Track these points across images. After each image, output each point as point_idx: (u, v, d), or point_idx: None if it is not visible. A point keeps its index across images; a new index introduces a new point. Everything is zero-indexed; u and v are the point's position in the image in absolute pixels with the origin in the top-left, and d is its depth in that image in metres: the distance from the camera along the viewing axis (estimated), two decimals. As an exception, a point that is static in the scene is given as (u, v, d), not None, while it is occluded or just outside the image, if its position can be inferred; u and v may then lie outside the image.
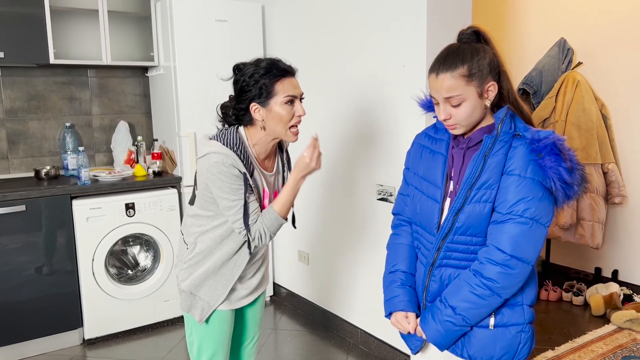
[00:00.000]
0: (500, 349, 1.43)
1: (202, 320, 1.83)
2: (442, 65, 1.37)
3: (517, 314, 1.44)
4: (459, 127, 1.41)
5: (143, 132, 3.84)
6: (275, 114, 1.68)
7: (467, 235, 1.41)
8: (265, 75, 1.66)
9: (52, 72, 3.52)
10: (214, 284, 1.82)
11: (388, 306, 1.58)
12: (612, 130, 3.78)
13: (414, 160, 1.58)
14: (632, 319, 3.25)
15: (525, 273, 1.38)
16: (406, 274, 1.57)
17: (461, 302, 1.39)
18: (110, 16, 3.34)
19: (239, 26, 3.47)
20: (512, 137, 1.38)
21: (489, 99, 1.39)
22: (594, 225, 3.68)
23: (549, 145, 1.30)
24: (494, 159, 1.37)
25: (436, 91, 1.39)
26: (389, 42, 2.66)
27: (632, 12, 3.64)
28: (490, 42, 1.42)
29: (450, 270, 1.45)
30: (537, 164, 1.33)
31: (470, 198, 1.38)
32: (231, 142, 1.67)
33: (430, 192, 1.48)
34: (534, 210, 1.33)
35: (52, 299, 3.07)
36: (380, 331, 2.96)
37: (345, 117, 3.04)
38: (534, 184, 1.33)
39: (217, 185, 1.66)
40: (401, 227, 1.64)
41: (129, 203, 3.20)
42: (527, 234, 1.34)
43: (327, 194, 3.26)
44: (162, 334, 3.33)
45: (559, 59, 3.93)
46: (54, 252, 3.06)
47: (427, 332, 1.46)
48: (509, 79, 1.43)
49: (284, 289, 3.80)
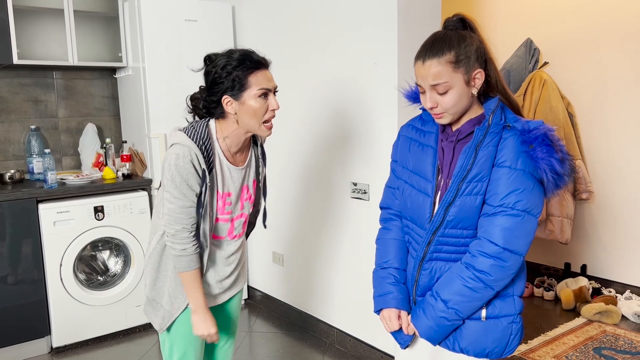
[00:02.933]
0: (492, 340, 1.42)
1: (162, 329, 1.78)
2: (428, 52, 1.34)
3: (508, 305, 1.43)
4: (445, 115, 1.38)
5: (111, 135, 3.76)
6: (248, 107, 1.63)
7: (458, 228, 1.39)
8: (239, 67, 1.61)
9: (15, 73, 3.41)
10: (173, 292, 1.75)
11: (379, 302, 1.54)
12: (578, 127, 3.88)
13: (402, 153, 1.54)
14: (601, 312, 3.33)
15: (517, 265, 1.36)
16: (399, 270, 1.53)
17: (453, 295, 1.37)
18: (77, 16, 3.27)
19: (209, 26, 3.44)
20: (503, 128, 1.36)
21: (475, 87, 1.37)
22: (562, 221, 3.76)
23: (540, 136, 1.29)
24: (485, 151, 1.34)
25: (422, 78, 1.36)
26: (360, 40, 2.67)
27: (594, 12, 3.74)
28: (476, 30, 1.40)
29: (440, 264, 1.43)
30: (528, 155, 1.31)
31: (461, 191, 1.36)
32: (197, 135, 1.63)
33: (421, 186, 1.45)
34: (525, 202, 1.32)
35: (18, 307, 2.96)
36: (357, 330, 2.96)
37: (319, 116, 3.03)
38: (524, 175, 1.32)
39: (167, 176, 1.62)
40: (391, 221, 1.60)
41: (98, 206, 3.12)
42: (519, 226, 1.32)
43: (301, 193, 3.25)
44: (134, 339, 3.26)
45: (526, 58, 4.01)
46: (20, 257, 2.96)
47: (419, 327, 1.44)
48: (495, 67, 1.41)
49: (258, 292, 3.76)
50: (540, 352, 2.93)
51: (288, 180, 3.29)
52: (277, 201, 3.39)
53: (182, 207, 1.63)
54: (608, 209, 3.81)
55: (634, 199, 3.67)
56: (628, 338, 3.09)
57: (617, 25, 3.64)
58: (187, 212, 1.64)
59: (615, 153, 3.74)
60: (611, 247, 3.82)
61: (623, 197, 3.73)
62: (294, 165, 3.24)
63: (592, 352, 2.92)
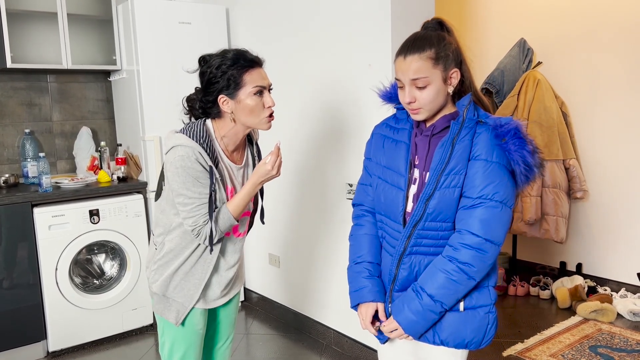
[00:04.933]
0: (471, 331, 1.45)
1: (178, 322, 1.78)
2: (410, 48, 1.39)
3: (484, 296, 1.47)
4: (422, 111, 1.43)
5: (106, 138, 3.75)
6: (244, 105, 1.65)
7: (438, 221, 1.42)
8: (233, 67, 1.63)
9: (9, 77, 3.41)
10: (185, 284, 1.77)
11: (355, 297, 1.57)
12: (572, 127, 3.90)
13: (376, 150, 1.58)
14: (597, 310, 3.34)
15: (495, 255, 1.41)
16: (373, 264, 1.56)
17: (439, 289, 1.40)
18: (70, 19, 3.26)
19: (203, 28, 3.44)
20: (476, 123, 1.42)
21: (452, 86, 1.43)
22: (557, 220, 3.77)
23: (512, 129, 1.35)
24: (461, 144, 1.40)
25: (403, 73, 1.40)
26: (354, 42, 2.67)
27: (587, 12, 3.77)
28: (452, 33, 1.46)
29: (420, 257, 1.46)
30: (502, 148, 1.37)
31: (440, 184, 1.40)
32: (197, 135, 1.64)
33: (394, 181, 1.49)
34: (502, 194, 1.37)
35: (14, 311, 2.95)
36: (354, 331, 2.96)
37: (314, 118, 3.04)
38: (499, 167, 1.37)
39: (177, 179, 1.62)
40: (363, 217, 1.63)
41: (93, 210, 3.11)
42: (497, 217, 1.37)
43: (297, 195, 3.25)
44: (130, 343, 3.25)
45: (519, 58, 4.03)
46: (15, 262, 2.95)
47: (402, 322, 1.45)
48: (469, 70, 1.47)
49: (255, 294, 3.76)
50: (536, 351, 2.94)
51: (284, 181, 3.29)
52: (273, 203, 3.39)
53: (199, 206, 1.64)
54: (603, 207, 3.83)
55: (628, 197, 3.69)
56: (624, 336, 3.11)
57: (610, 25, 3.66)
58: (203, 208, 1.65)
59: (609, 152, 3.76)
60: (606, 245, 3.84)
61: (617, 195, 3.75)
62: (290, 166, 3.24)
63: (588, 351, 2.94)
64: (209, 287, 1.81)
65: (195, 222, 1.65)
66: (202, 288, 1.78)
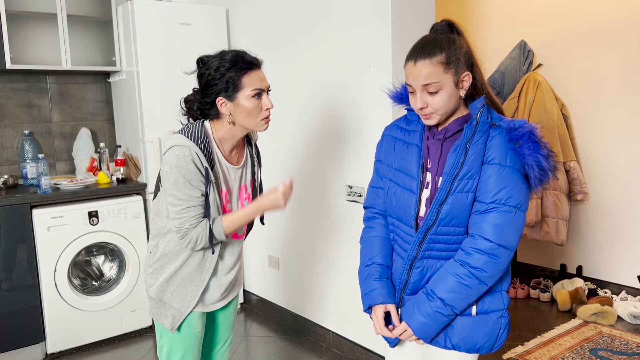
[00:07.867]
0: (483, 335, 1.44)
1: (173, 328, 1.77)
2: (420, 53, 1.37)
3: (496, 300, 1.45)
4: (434, 116, 1.40)
5: (106, 139, 3.74)
6: (242, 107, 1.64)
7: (451, 226, 1.41)
8: (232, 69, 1.62)
9: (8, 78, 3.40)
10: (183, 290, 1.76)
11: (367, 300, 1.55)
12: (573, 129, 3.89)
13: (387, 152, 1.56)
14: (597, 313, 3.33)
15: (509, 260, 1.39)
16: (382, 266, 1.55)
17: (449, 293, 1.39)
18: (70, 20, 3.26)
19: (203, 30, 3.43)
20: (489, 127, 1.39)
21: (464, 89, 1.40)
22: (558, 222, 3.76)
23: (526, 133, 1.33)
24: (475, 149, 1.38)
25: (414, 78, 1.38)
26: (354, 43, 2.67)
27: (588, 14, 3.76)
28: (463, 35, 1.44)
29: (432, 262, 1.45)
30: (516, 152, 1.35)
31: (453, 189, 1.38)
32: (195, 136, 1.63)
33: (406, 184, 1.47)
34: (516, 198, 1.35)
35: (13, 313, 2.94)
36: (353, 333, 2.95)
37: (314, 119, 3.03)
38: (513, 172, 1.36)
39: (169, 179, 1.62)
40: (374, 219, 1.61)
41: (92, 211, 3.10)
42: (511, 222, 1.36)
43: (297, 197, 3.24)
44: (129, 345, 3.24)
45: (520, 60, 4.02)
46: (14, 263, 2.94)
47: (413, 325, 1.44)
48: (481, 71, 1.45)
49: (254, 296, 3.75)
50: (536, 354, 2.93)
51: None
52: (272, 205, 3.38)
53: (187, 208, 1.63)
54: (603, 210, 3.83)
55: (629, 199, 3.68)
56: (624, 339, 3.10)
57: (610, 26, 3.66)
58: (191, 211, 1.64)
59: (610, 154, 3.75)
60: (606, 248, 3.83)
61: (618, 198, 3.74)
62: (289, 168, 3.23)
63: (588, 354, 2.92)
64: (208, 290, 1.80)
65: (182, 224, 1.64)
66: (200, 293, 1.77)
